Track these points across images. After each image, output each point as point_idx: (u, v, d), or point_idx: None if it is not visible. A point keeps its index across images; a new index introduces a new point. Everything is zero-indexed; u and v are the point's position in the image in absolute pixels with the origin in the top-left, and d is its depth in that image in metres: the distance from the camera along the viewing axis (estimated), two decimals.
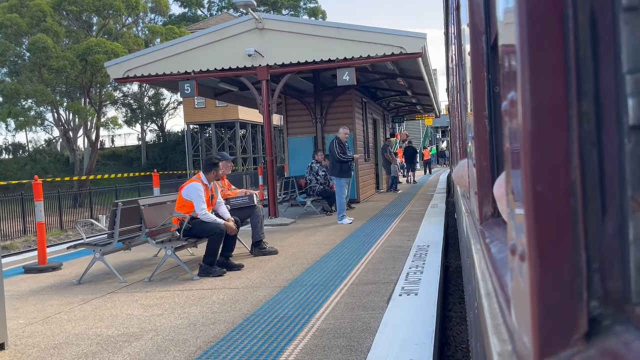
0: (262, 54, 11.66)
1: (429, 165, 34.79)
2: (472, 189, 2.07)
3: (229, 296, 5.55)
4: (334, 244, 8.39)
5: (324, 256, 7.43)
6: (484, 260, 1.52)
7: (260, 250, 7.73)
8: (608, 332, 0.58)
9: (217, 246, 6.74)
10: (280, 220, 11.86)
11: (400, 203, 15.17)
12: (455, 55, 3.96)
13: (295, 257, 7.45)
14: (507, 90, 0.80)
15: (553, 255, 0.61)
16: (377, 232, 9.50)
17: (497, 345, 0.96)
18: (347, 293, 5.33)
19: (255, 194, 8.01)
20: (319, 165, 13.11)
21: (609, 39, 0.58)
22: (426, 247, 7.53)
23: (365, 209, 13.70)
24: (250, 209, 7.71)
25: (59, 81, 35.37)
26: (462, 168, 2.84)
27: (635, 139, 0.56)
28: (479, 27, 1.61)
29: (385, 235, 9.00)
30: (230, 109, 38.56)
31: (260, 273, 6.58)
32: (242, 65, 11.87)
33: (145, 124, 51.94)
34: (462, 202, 4.24)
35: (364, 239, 8.73)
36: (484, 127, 1.64)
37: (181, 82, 12.20)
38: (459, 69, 3.05)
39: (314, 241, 8.87)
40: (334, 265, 6.78)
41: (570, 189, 0.60)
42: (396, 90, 19.90)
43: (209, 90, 16.01)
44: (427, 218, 11.10)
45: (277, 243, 8.55)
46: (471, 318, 2.75)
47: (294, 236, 9.59)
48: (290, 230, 10.48)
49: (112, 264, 6.98)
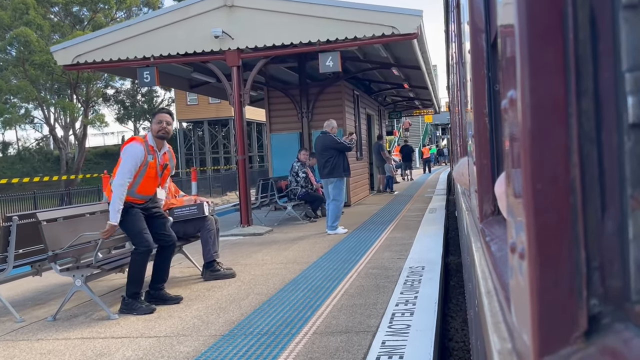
0: (232, 36, 10.00)
1: (428, 164, 34.35)
2: (473, 186, 2.07)
3: (139, 354, 3.95)
4: (308, 263, 6.91)
5: (290, 282, 5.92)
6: (484, 258, 1.52)
7: (213, 273, 6.27)
8: (608, 330, 0.58)
9: (142, 270, 5.14)
10: (254, 229, 10.36)
11: (395, 207, 13.61)
12: (455, 53, 3.96)
13: (254, 283, 5.94)
14: (506, 88, 0.80)
15: (553, 253, 0.61)
16: (363, 245, 8.02)
17: (497, 343, 0.96)
18: (304, 352, 3.75)
19: (207, 202, 6.52)
20: (299, 165, 11.64)
21: (608, 37, 0.58)
22: (420, 270, 6.06)
23: (355, 214, 12.21)
24: (200, 222, 6.26)
25: (43, 77, 34.40)
26: (463, 166, 2.84)
27: (634, 137, 0.56)
28: (479, 25, 1.61)
29: (372, 251, 7.50)
30: (224, 105, 37.38)
31: (200, 309, 5.04)
32: (208, 49, 10.20)
33: (138, 122, 51.08)
34: (462, 200, 4.24)
35: (345, 256, 7.24)
36: (484, 125, 1.64)
37: (140, 69, 10.53)
38: (460, 66, 3.05)
39: (285, 258, 7.37)
40: (299, 297, 5.26)
41: (570, 187, 0.60)
42: (392, 83, 18.63)
43: (182, 81, 14.66)
44: (424, 226, 9.66)
45: (240, 260, 7.28)
46: (472, 316, 2.75)
47: (264, 251, 8.10)
48: (263, 243, 8.96)
49: (18, 293, 5.91)
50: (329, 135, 9.55)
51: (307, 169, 11.83)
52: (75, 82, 34.89)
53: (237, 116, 10.72)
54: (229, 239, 9.60)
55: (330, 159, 9.46)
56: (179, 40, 10.26)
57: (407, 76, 16.72)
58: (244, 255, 7.77)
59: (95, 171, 37.84)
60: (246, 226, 10.53)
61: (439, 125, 53.85)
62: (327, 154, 9.49)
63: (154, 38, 10.30)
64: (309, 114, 14.12)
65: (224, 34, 9.98)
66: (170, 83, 15.42)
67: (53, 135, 38.68)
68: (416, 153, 36.47)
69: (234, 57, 10.23)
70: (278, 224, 11.30)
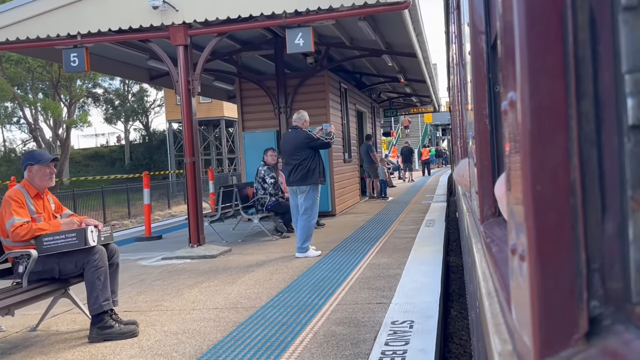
0: (176, 7, 8.04)
1: (427, 166, 33.40)
2: (473, 188, 2.07)
3: None
4: (252, 309, 4.99)
5: (209, 350, 3.96)
6: (484, 259, 1.52)
7: (102, 331, 4.31)
8: (608, 332, 0.58)
9: None
10: (206, 249, 8.24)
11: (386, 217, 11.67)
12: (456, 55, 3.96)
13: (157, 353, 3.97)
14: (506, 90, 0.80)
15: (553, 255, 0.61)
16: (336, 277, 6.12)
17: (498, 344, 0.96)
18: None
19: (97, 226, 4.56)
20: (266, 169, 9.70)
21: (608, 39, 0.58)
22: (407, 329, 4.12)
23: (337, 227, 10.33)
24: (83, 256, 4.37)
25: (23, 75, 32.61)
26: (463, 167, 2.84)
27: (634, 138, 0.56)
28: (479, 26, 1.61)
29: (345, 288, 5.58)
30: (215, 105, 36.15)
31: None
32: (147, 23, 8.13)
33: (128, 122, 49.10)
34: (463, 201, 4.24)
35: (306, 297, 5.33)
36: (485, 126, 1.64)
37: (65, 50, 8.43)
38: (460, 68, 3.05)
39: (225, 299, 5.44)
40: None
41: (570, 189, 0.60)
42: (386, 76, 16.81)
43: (140, 71, 12.86)
44: (418, 247, 7.67)
45: (164, 302, 5.45)
46: (473, 317, 2.75)
47: (205, 284, 6.23)
48: (210, 270, 6.98)
49: None
50: (301, 131, 7.64)
51: (280, 173, 10.16)
52: (57, 80, 32.82)
53: (185, 108, 8.39)
54: (171, 263, 7.80)
55: (304, 162, 7.44)
56: (110, 13, 8.18)
57: (403, 68, 15.19)
58: (173, 292, 5.89)
59: (83, 174, 36.50)
60: (196, 246, 8.36)
61: (439, 126, 52.11)
62: (300, 155, 7.48)
63: (80, 11, 8.24)
64: (288, 109, 12.12)
65: (166, 4, 7.97)
66: (124, 73, 13.65)
67: (34, 137, 36.52)
68: (415, 155, 36.12)
69: (179, 34, 8.18)
70: (242, 241, 9.46)
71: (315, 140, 7.59)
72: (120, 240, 9.81)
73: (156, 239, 10.80)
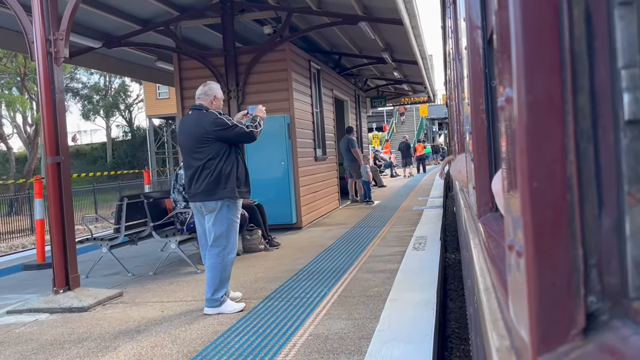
0: None
1: (422, 162, 32.30)
2: (471, 183, 2.07)
3: None
4: None
5: None
6: (482, 255, 1.52)
7: None
8: (606, 327, 0.58)
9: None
10: (76, 296, 5.35)
11: (364, 232, 8.91)
12: (452, 50, 3.96)
13: None
14: (503, 85, 0.80)
15: (550, 250, 0.61)
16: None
17: (496, 340, 0.96)
18: None
19: None
20: None
21: (604, 34, 0.58)
22: None
23: (293, 250, 7.61)
24: None
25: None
26: (461, 162, 2.84)
27: (631, 133, 0.56)
28: (475, 21, 1.61)
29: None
30: (175, 102, 35.18)
31: None
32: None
33: (109, 119, 46.43)
34: (460, 196, 4.24)
35: None
36: (482, 121, 1.64)
37: None
38: (457, 63, 3.05)
39: None
40: None
41: (567, 185, 0.60)
42: (370, 57, 13.98)
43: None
44: (398, 293, 4.95)
45: None
46: (471, 313, 2.76)
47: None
48: (52, 344, 4.28)
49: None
50: (208, 113, 4.97)
51: None
52: (24, 73, 30.00)
53: (44, 79, 5.39)
54: (15, 322, 5.03)
55: (210, 163, 4.85)
56: None
57: (389, 45, 12.69)
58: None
59: None
60: (62, 291, 5.41)
61: (436, 120, 48.51)
62: (204, 151, 4.88)
63: None
64: (240, 93, 9.53)
65: None
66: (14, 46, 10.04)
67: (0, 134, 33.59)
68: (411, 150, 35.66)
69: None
70: (155, 273, 6.66)
71: (229, 127, 4.87)
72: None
73: (49, 266, 6.40)
